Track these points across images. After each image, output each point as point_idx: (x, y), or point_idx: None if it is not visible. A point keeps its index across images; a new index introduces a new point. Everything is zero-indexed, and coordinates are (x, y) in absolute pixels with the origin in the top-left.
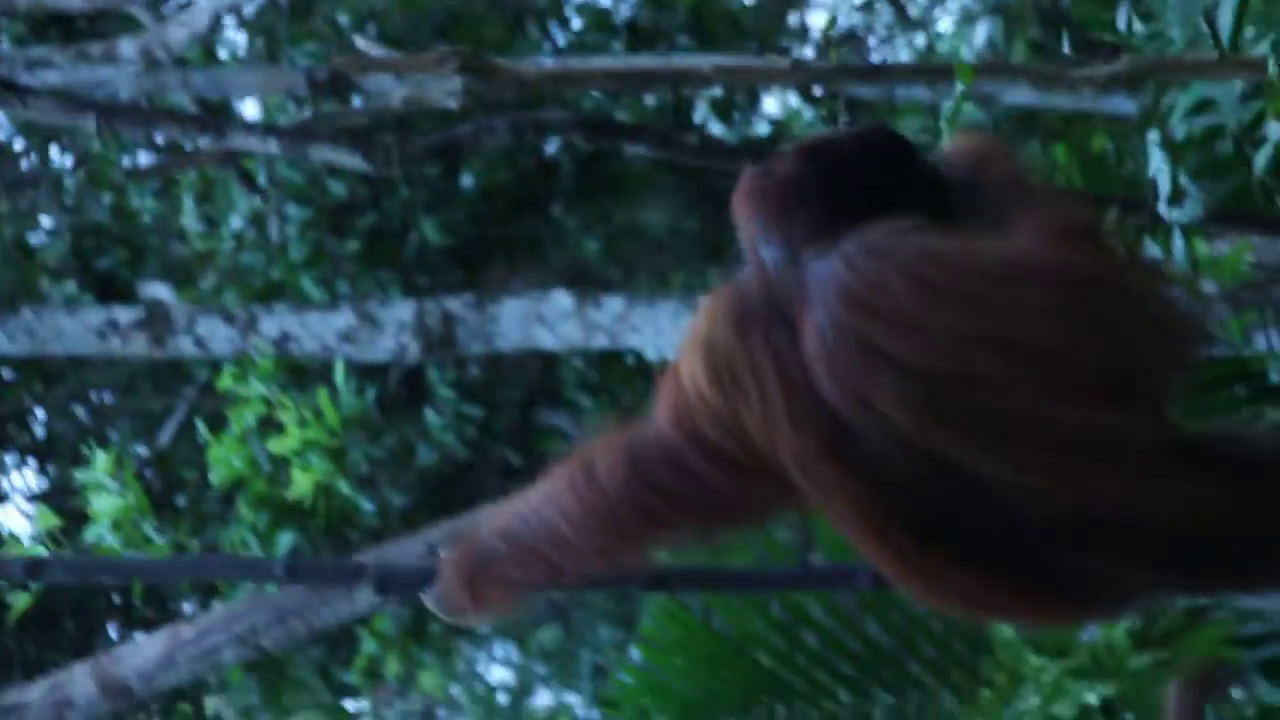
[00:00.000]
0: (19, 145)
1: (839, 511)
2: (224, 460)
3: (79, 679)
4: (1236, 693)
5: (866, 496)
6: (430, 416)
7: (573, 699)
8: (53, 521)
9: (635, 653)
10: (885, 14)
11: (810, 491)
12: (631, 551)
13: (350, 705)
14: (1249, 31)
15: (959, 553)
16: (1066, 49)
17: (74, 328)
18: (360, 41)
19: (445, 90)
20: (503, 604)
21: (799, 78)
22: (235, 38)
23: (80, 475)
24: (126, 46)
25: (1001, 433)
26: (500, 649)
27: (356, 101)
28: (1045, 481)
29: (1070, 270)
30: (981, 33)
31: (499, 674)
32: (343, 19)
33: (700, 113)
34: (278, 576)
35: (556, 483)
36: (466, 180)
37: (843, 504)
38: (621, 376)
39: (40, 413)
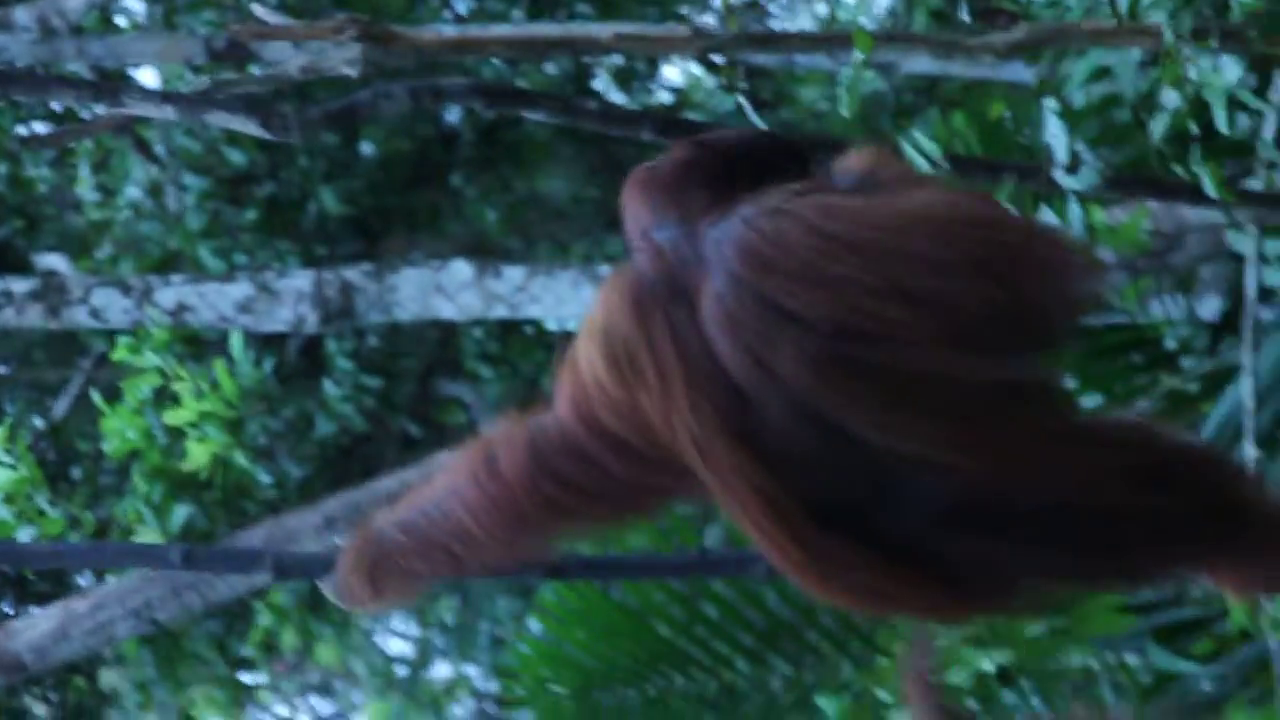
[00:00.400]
0: None
1: (738, 499)
2: (119, 432)
3: None
4: (1132, 659)
5: (766, 479)
6: (329, 387)
7: (471, 671)
8: None
9: (534, 624)
10: None
11: (709, 479)
12: (535, 543)
13: (247, 678)
14: None
15: (860, 539)
16: (966, 17)
17: None
18: (258, 9)
19: (344, 58)
20: (402, 594)
21: (699, 45)
22: (133, 5)
23: None
24: (22, 14)
25: (902, 388)
26: (398, 621)
27: (255, 70)
28: (945, 446)
29: (968, 217)
30: (882, 1)
31: (397, 646)
32: None
33: (601, 81)
34: (173, 564)
35: (458, 474)
36: (366, 149)
37: (742, 489)
38: (521, 347)
39: None
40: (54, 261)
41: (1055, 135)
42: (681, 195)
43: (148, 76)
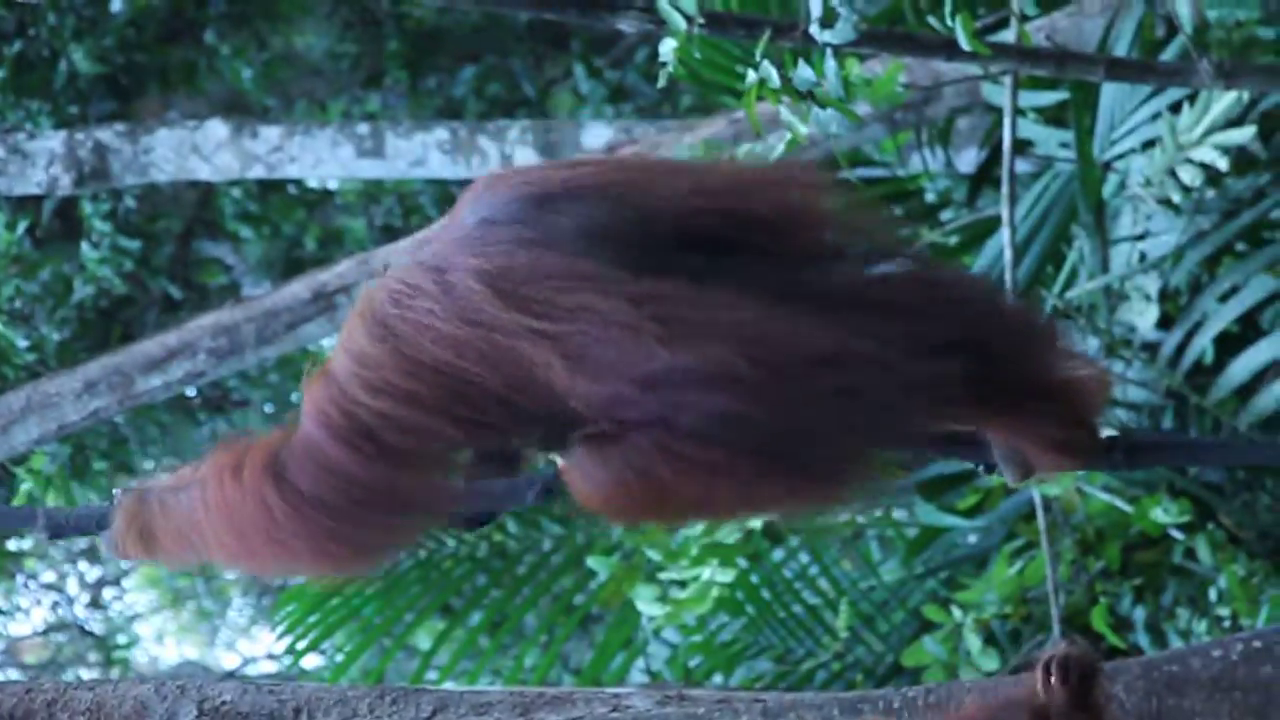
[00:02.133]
0: None
1: (575, 312)
2: None
3: None
4: (898, 513)
5: (587, 262)
6: (86, 250)
7: None
8: None
9: None
10: None
11: (525, 328)
12: (255, 565)
13: (12, 544)
14: None
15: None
16: None
17: None
18: None
19: None
20: (173, 561)
21: None
22: None
23: None
24: None
25: None
26: None
27: None
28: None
29: None
30: None
31: None
32: None
33: None
34: None
35: (210, 470)
36: (116, 5)
37: (573, 291)
38: (282, 206)
39: None
40: None
41: None
42: None
43: None
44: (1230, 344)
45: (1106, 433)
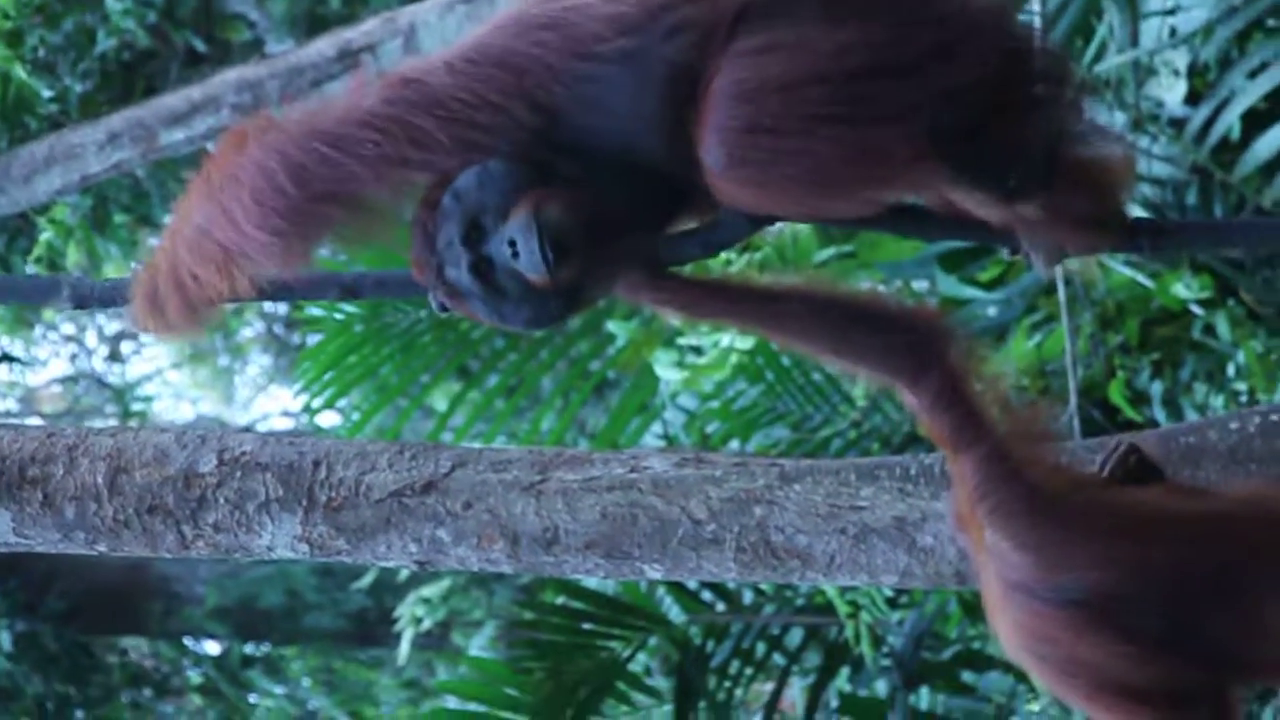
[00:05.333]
0: None
1: None
2: None
3: None
4: (919, 284)
5: None
6: (109, 1)
7: None
8: None
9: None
10: None
11: None
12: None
13: None
14: None
15: None
16: None
17: None
18: None
19: None
20: (189, 321)
21: None
22: None
23: None
24: None
25: None
26: None
27: None
28: None
29: None
30: None
31: None
32: None
33: None
34: None
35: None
36: None
37: None
38: None
39: None
40: None
41: None
42: None
43: None
44: (1258, 120)
45: (1132, 215)
